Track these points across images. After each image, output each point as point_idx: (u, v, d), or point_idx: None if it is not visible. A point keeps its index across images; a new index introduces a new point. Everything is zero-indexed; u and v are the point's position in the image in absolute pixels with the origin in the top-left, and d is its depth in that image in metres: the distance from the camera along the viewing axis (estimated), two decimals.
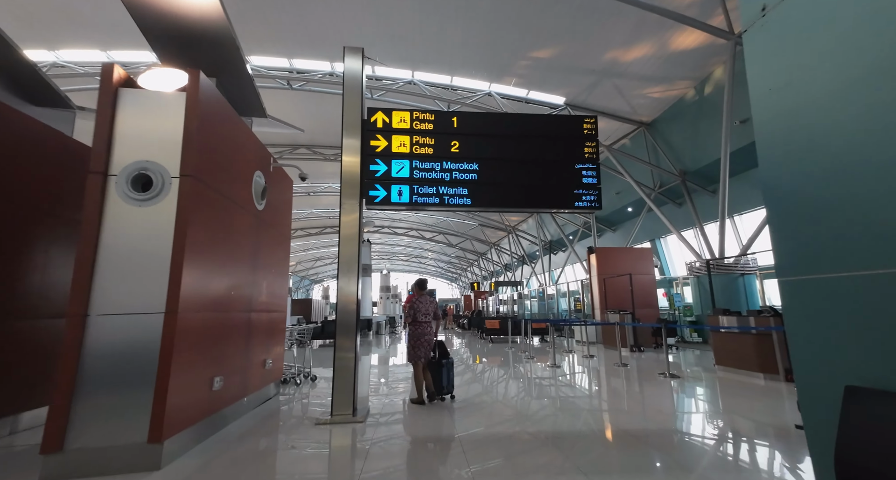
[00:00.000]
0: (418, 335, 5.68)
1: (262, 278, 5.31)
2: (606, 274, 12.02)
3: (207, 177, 3.86)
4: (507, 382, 7.44)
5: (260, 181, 5.14)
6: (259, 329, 5.24)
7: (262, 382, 5.36)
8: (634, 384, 6.94)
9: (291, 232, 30.28)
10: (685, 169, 15.04)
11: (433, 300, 5.99)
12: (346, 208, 4.90)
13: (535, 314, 25.34)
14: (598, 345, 11.95)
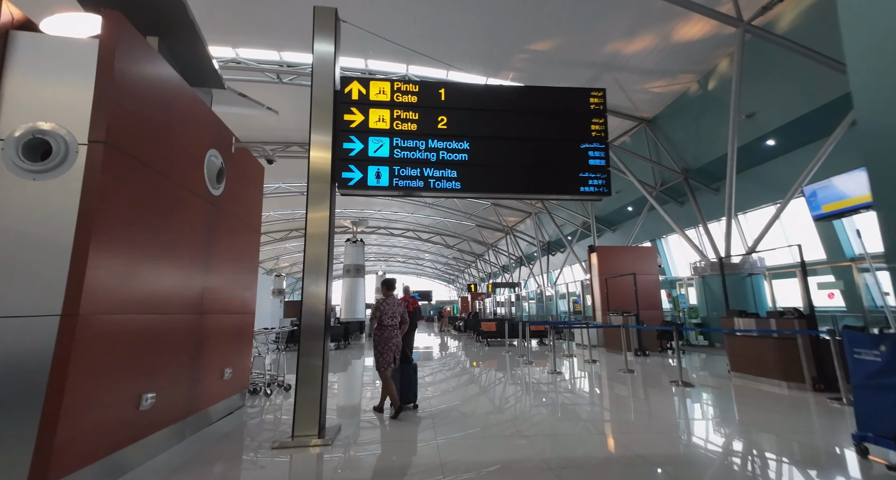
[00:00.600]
0: (385, 339, 5.10)
1: (219, 275, 4.52)
2: (608, 274, 11.26)
3: (132, 147, 3.08)
4: (503, 391, 6.65)
5: (215, 161, 4.35)
6: (216, 334, 4.45)
7: (219, 394, 4.56)
8: (645, 394, 6.15)
9: (286, 233, 29.55)
10: (687, 167, 14.31)
11: (401, 303, 5.47)
12: (315, 193, 4.12)
13: (534, 316, 24.54)
14: (599, 349, 11.18)
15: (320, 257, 4.06)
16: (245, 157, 5.38)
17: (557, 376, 7.53)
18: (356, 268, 18.05)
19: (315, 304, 3.99)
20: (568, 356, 10.14)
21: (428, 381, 7.75)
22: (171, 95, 3.71)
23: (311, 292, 4.00)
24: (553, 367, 8.17)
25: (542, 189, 4.43)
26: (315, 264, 4.04)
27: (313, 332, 3.96)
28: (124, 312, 3.02)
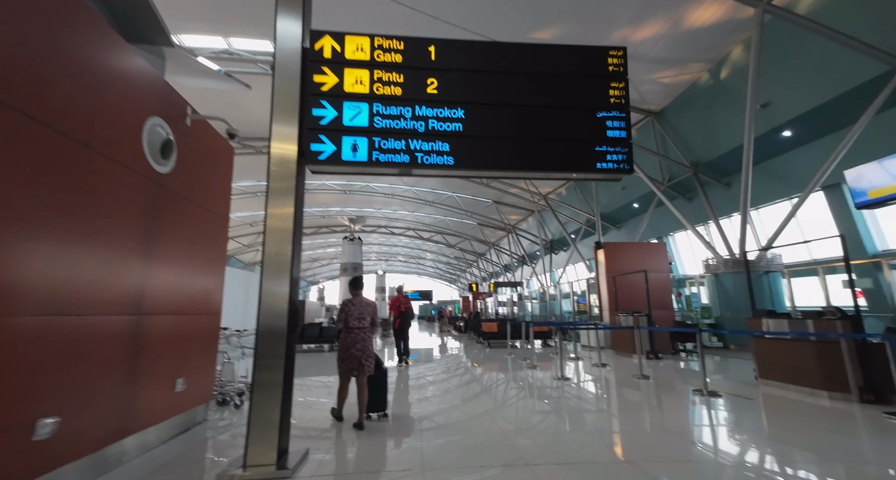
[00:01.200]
0: (348, 344, 4.63)
1: (167, 269, 3.75)
2: (616, 271, 10.44)
3: (13, 96, 2.32)
4: (503, 401, 5.86)
5: (160, 132, 3.58)
6: (163, 339, 3.68)
7: (168, 410, 3.80)
8: (669, 406, 5.36)
9: None
10: (697, 161, 13.50)
11: (371, 303, 4.96)
12: (278, 170, 3.35)
13: (536, 316, 23.71)
14: (607, 351, 10.39)
15: (283, 249, 3.29)
16: (206, 133, 4.62)
17: (564, 382, 6.74)
18: (354, 266, 17.33)
19: (276, 304, 3.22)
20: (574, 358, 9.35)
21: (420, 387, 6.98)
22: (91, 43, 2.94)
23: (272, 290, 3.23)
24: (559, 372, 7.41)
25: (550, 166, 3.65)
26: (277, 255, 3.28)
27: (273, 337, 3.19)
28: (11, 314, 2.26)
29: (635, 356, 8.86)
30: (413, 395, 6.52)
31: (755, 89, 9.66)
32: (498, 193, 23.56)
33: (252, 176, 23.13)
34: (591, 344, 10.37)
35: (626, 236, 19.31)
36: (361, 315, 4.75)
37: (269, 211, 3.30)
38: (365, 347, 4.67)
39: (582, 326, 10.31)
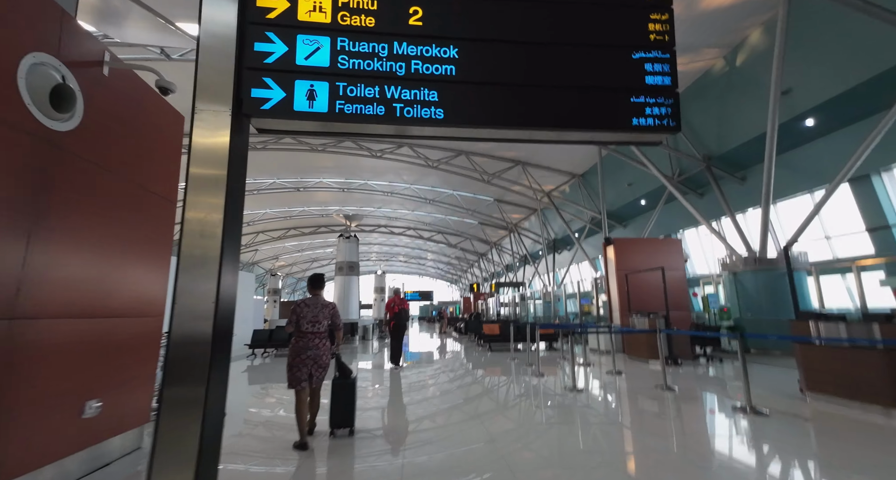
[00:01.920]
0: (299, 349, 3.98)
1: (69, 259, 2.83)
2: (628, 269, 9.47)
3: None
4: (504, 421, 4.92)
5: (51, 75, 2.65)
6: (62, 350, 2.76)
7: (72, 443, 2.87)
8: (707, 429, 4.43)
9: (284, 232, 27.76)
10: (710, 154, 12.55)
11: (329, 304, 4.27)
12: (205, 122, 2.42)
13: (539, 317, 22.71)
14: (619, 355, 9.43)
15: (208, 229, 2.35)
16: (137, 89, 3.69)
17: (577, 394, 5.79)
18: (349, 265, 16.40)
19: (194, 305, 2.29)
20: (584, 364, 8.42)
21: (408, 395, 6.07)
22: None
23: (189, 288, 2.30)
24: (570, 381, 6.46)
25: (570, 122, 2.71)
26: (200, 236, 2.35)
27: (190, 345, 2.26)
28: None
29: (651, 362, 7.92)
30: (396, 406, 5.61)
31: (781, 69, 8.72)
32: (500, 190, 22.63)
33: (248, 174, 22.23)
34: (599, 348, 9.43)
35: (632, 234, 18.34)
36: (316, 318, 4.07)
37: (192, 173, 2.37)
38: (317, 355, 3.98)
39: (594, 329, 9.30)
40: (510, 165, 19.18)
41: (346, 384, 4.18)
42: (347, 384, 4.18)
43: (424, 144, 18.82)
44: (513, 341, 9.86)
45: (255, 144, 18.29)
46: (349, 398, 4.17)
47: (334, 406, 4.13)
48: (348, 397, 4.17)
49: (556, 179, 20.01)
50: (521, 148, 18.16)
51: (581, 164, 18.58)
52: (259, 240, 32.72)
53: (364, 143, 18.72)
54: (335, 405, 4.13)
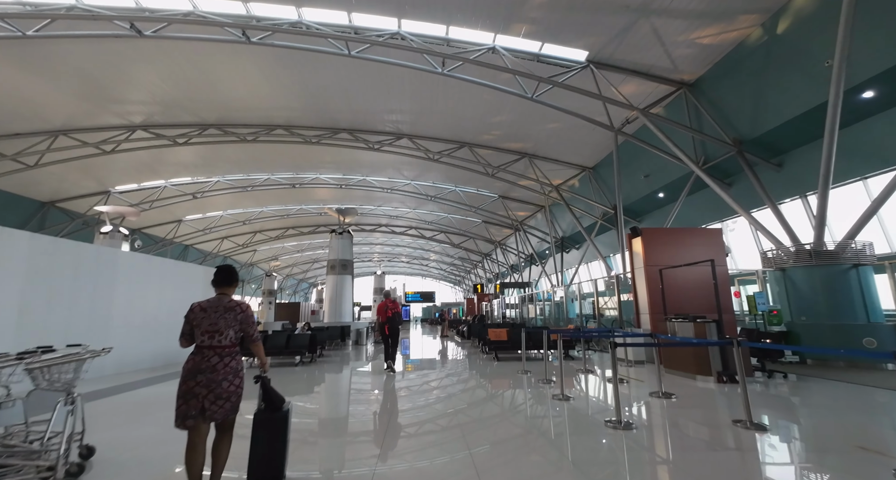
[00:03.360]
0: (188, 372, 2.82)
1: None
2: (661, 263, 7.94)
3: None
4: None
5: None
6: None
7: None
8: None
9: (282, 231, 26.15)
10: (741, 138, 11.08)
11: (235, 307, 2.98)
12: None
13: (548, 319, 21.13)
14: (649, 366, 7.95)
15: None
16: None
17: (627, 433, 4.13)
18: (342, 264, 15.00)
19: None
20: (616, 380, 6.71)
21: (387, 419, 4.68)
22: None
23: None
24: (616, 414, 4.41)
25: None
26: None
27: None
28: None
29: (701, 379, 6.42)
30: (365, 439, 4.19)
31: (851, 15, 7.15)
32: (505, 186, 21.20)
33: (242, 169, 21.01)
34: (627, 357, 7.96)
35: None
36: (215, 326, 2.87)
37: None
38: (213, 380, 2.78)
39: (625, 336, 7.71)
40: (516, 158, 17.78)
41: (271, 420, 2.80)
42: (274, 421, 2.79)
43: (425, 136, 17.43)
44: (524, 350, 8.36)
45: (246, 135, 16.99)
46: (276, 441, 2.85)
47: (254, 453, 2.77)
48: (274, 438, 2.85)
49: (565, 172, 18.58)
50: (528, 139, 16.74)
51: (592, 156, 17.15)
52: (257, 240, 31.44)
53: (361, 135, 17.37)
54: (255, 450, 2.81)
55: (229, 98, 15.15)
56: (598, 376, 7.80)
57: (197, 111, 15.96)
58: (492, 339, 9.57)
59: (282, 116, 16.58)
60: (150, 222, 25.09)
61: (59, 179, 19.52)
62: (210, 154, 19.22)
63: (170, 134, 16.73)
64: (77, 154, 16.69)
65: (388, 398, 6.33)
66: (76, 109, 15.01)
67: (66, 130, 16.04)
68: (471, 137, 17.19)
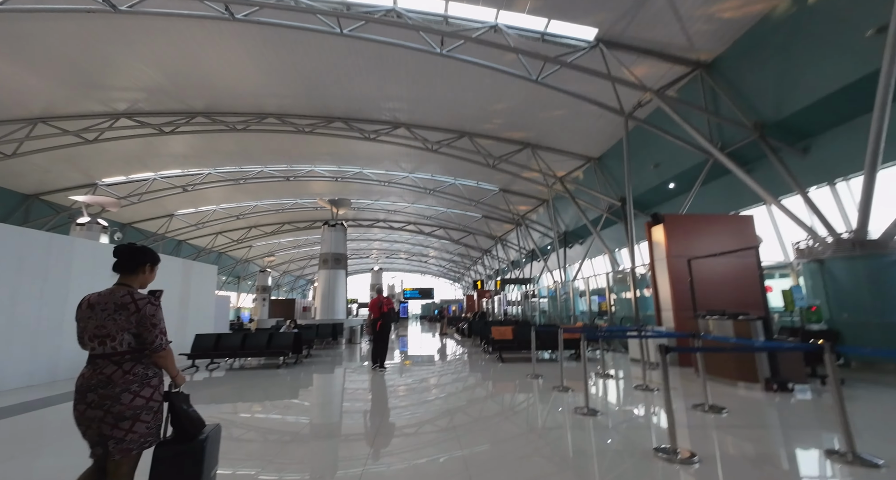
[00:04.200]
0: (78, 393, 1.96)
1: None
2: (687, 253, 6.97)
3: None
4: None
5: None
6: None
7: None
8: None
9: (277, 226, 25.07)
10: (763, 121, 10.15)
11: (130, 303, 2.05)
12: None
13: (552, 317, 20.19)
14: (674, 370, 7.04)
15: None
16: None
17: (686, 468, 3.09)
18: (335, 258, 14.09)
19: None
20: (645, 388, 5.83)
21: (373, 450, 3.71)
22: None
23: None
24: (669, 439, 3.33)
25: None
26: None
27: None
28: None
29: (743, 386, 5.49)
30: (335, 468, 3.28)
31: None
32: (506, 178, 20.26)
33: (234, 161, 20.05)
34: (647, 359, 7.06)
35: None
36: (104, 330, 2.01)
37: None
38: (109, 395, 1.95)
39: (662, 335, 6.67)
40: (518, 148, 16.84)
41: (179, 455, 1.89)
42: (183, 456, 1.88)
43: (423, 125, 16.48)
44: (535, 350, 7.34)
45: (236, 124, 16.03)
46: (195, 472, 1.87)
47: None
48: (193, 468, 1.87)
49: (570, 163, 17.65)
50: (530, 128, 15.81)
51: (598, 146, 16.23)
52: (252, 235, 30.47)
53: (356, 124, 16.41)
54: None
55: (216, 84, 14.18)
56: (617, 380, 6.90)
57: (183, 98, 14.99)
58: (496, 338, 8.65)
59: (273, 103, 15.62)
60: (141, 216, 24.13)
61: (42, 170, 18.58)
62: (200, 145, 18.28)
63: (155, 122, 15.77)
64: (58, 143, 15.72)
65: (376, 409, 5.41)
66: (55, 94, 14.04)
67: (45, 118, 15.06)
68: (471, 126, 16.25)
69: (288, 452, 3.82)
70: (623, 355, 7.31)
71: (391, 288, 37.84)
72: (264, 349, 8.15)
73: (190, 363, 8.42)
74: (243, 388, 6.73)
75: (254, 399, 6.08)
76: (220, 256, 32.71)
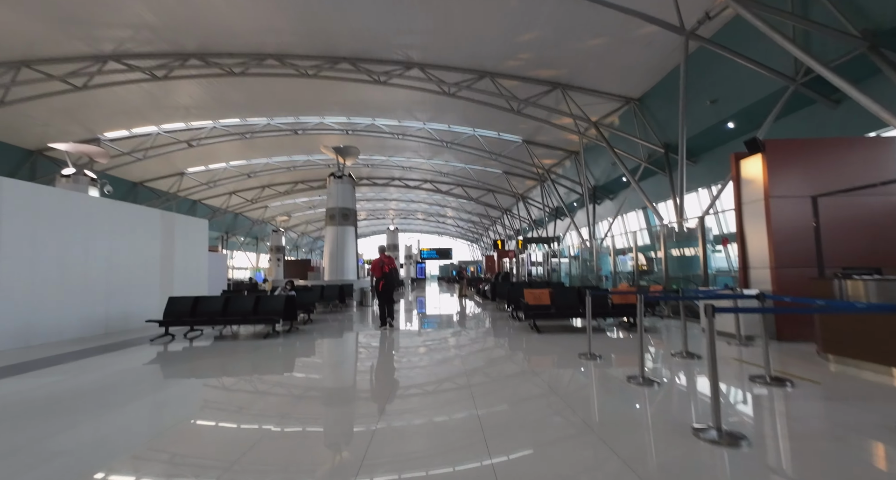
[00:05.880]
0: None
1: None
2: (797, 192, 4.93)
3: None
4: None
5: None
6: None
7: None
8: None
9: (290, 186, 22.76)
10: (873, 28, 7.62)
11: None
12: None
13: (584, 277, 18.22)
14: (774, 345, 5.21)
15: None
16: None
17: None
18: (343, 213, 12.42)
19: None
20: (770, 380, 3.85)
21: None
22: None
23: None
24: None
25: None
26: None
27: None
28: None
29: (883, 372, 3.69)
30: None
31: None
32: (530, 129, 17.92)
33: (238, 112, 18.19)
34: (740, 332, 5.24)
35: (705, 173, 13.64)
36: None
37: None
38: None
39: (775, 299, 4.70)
40: (546, 89, 14.44)
41: None
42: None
43: (438, 65, 14.15)
44: (590, 322, 5.37)
45: (233, 66, 14.06)
46: None
47: None
48: None
49: (604, 107, 15.18)
50: (562, 64, 13.33)
51: (639, 83, 13.70)
52: (267, 195, 29.07)
53: (364, 65, 14.22)
54: None
55: (207, 18, 12.14)
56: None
57: (173, 37, 13.04)
58: (530, 303, 6.89)
59: (272, 41, 13.50)
60: (151, 174, 22.86)
61: (42, 124, 17.23)
62: (201, 95, 16.52)
63: (145, 65, 13.91)
64: (48, 90, 14.11)
65: (374, 404, 3.83)
66: (35, 33, 12.27)
67: (28, 61, 13.38)
68: (493, 64, 13.86)
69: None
70: (682, 323, 5.57)
71: (409, 249, 36.45)
72: (249, 315, 6.63)
73: (163, 332, 6.95)
74: (201, 365, 5.25)
75: (207, 378, 4.65)
76: (236, 216, 31.64)
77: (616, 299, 6.61)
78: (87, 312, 6.71)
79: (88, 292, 6.77)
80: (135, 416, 3.50)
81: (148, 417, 3.52)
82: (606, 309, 6.63)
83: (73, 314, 6.53)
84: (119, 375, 4.87)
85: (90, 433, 3.04)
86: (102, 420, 3.31)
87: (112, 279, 7.08)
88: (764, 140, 5.44)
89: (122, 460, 2.59)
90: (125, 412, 3.55)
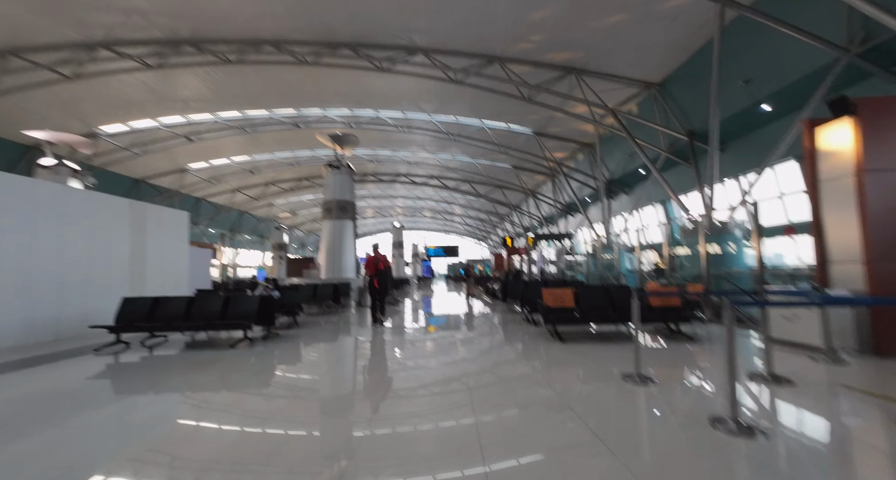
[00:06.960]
0: None
1: None
2: (894, 163, 3.79)
3: None
4: None
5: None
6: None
7: None
8: None
9: (294, 183, 21.31)
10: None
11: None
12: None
13: (602, 275, 16.92)
14: (869, 360, 3.98)
15: None
16: None
17: None
18: (340, 206, 11.37)
19: None
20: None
21: None
22: None
23: None
24: None
25: None
26: None
27: None
28: None
29: None
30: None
31: None
32: (541, 119, 16.72)
33: (237, 104, 17.26)
34: (802, 340, 4.06)
35: (734, 161, 12.31)
36: None
37: None
38: None
39: None
40: (559, 74, 13.26)
41: None
42: None
43: (443, 49, 13.04)
44: (637, 333, 3.84)
45: (228, 53, 13.11)
46: None
47: None
48: None
49: (621, 93, 13.96)
50: (577, 46, 12.13)
51: (660, 67, 12.47)
52: (271, 192, 28.20)
53: (365, 50, 13.16)
54: None
55: (202, 3, 11.22)
56: (803, 391, 3.52)
57: (166, 23, 12.15)
58: (550, 305, 5.67)
59: (268, 27, 12.51)
60: (153, 171, 22.09)
61: (38, 117, 16.48)
62: (199, 86, 15.65)
63: (137, 53, 13.01)
64: (39, 79, 13.29)
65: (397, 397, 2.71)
66: (21, 19, 11.41)
67: (14, 50, 12.54)
68: (502, 47, 12.71)
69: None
70: (763, 335, 4.51)
71: (415, 247, 35.38)
72: (216, 320, 5.50)
73: (113, 339, 5.75)
74: (125, 384, 4.14)
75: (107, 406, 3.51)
76: (241, 214, 30.85)
77: (654, 301, 5.44)
78: (30, 314, 5.63)
79: (32, 290, 5.70)
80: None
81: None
82: (643, 313, 5.46)
83: (11, 317, 5.43)
84: (19, 402, 3.60)
85: None
86: None
87: (66, 276, 6.02)
88: (859, 101, 4.22)
89: None
90: None
